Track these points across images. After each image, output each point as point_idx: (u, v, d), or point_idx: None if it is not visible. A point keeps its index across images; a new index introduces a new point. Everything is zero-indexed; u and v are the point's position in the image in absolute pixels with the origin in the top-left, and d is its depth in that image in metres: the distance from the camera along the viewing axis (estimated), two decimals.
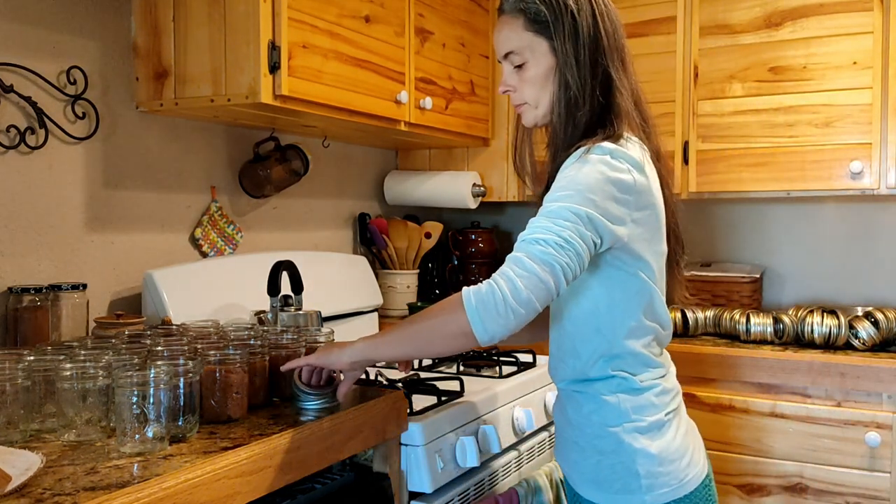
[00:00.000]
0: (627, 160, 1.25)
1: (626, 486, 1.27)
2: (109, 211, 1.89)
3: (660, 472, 1.27)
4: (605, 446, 1.29)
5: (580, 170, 1.23)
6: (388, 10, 2.19)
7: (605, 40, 1.31)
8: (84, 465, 1.10)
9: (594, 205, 1.20)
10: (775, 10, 2.34)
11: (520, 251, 1.21)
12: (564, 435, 1.39)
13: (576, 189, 1.21)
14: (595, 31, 1.30)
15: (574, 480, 1.36)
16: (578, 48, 1.29)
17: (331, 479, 1.46)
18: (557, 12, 1.30)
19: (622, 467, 1.27)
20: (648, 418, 1.29)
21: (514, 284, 1.17)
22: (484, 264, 2.92)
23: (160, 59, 1.88)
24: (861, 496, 2.01)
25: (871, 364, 2.00)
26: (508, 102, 2.75)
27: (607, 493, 1.29)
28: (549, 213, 1.22)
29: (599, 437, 1.30)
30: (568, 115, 1.31)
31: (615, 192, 1.22)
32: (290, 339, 1.56)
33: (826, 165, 2.28)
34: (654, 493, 1.26)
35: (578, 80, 1.29)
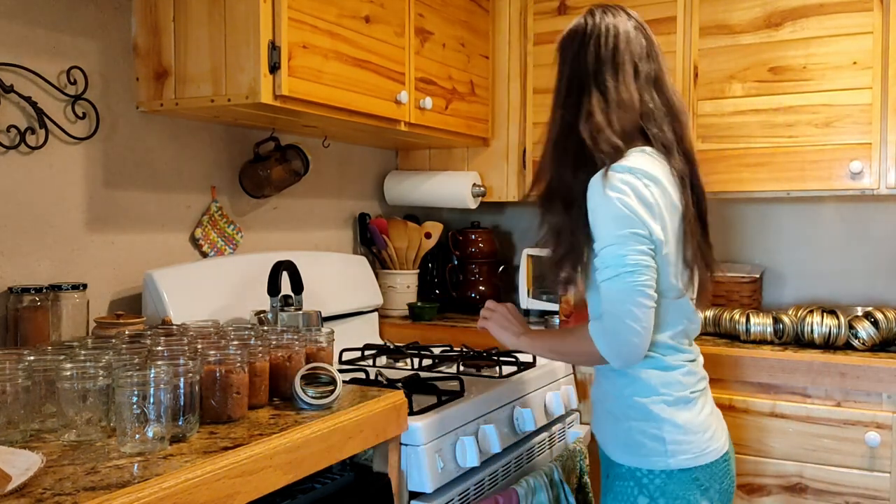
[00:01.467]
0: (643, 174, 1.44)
1: (653, 450, 1.45)
2: (109, 211, 1.89)
3: (683, 441, 1.45)
4: (636, 415, 1.48)
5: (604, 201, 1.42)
6: (388, 10, 2.19)
7: (584, 68, 1.51)
8: (84, 464, 1.10)
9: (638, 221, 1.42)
10: (775, 11, 2.34)
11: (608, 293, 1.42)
12: (602, 407, 1.58)
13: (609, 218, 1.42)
14: (575, 63, 1.52)
15: (608, 447, 1.55)
16: (562, 70, 1.55)
17: (331, 479, 1.46)
18: (560, 42, 1.57)
19: (650, 434, 1.46)
20: (675, 393, 1.47)
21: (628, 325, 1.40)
22: (484, 264, 2.92)
23: (160, 59, 1.89)
24: (861, 496, 2.01)
25: (871, 364, 2.00)
26: (509, 103, 2.75)
27: (636, 455, 1.47)
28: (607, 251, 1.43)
29: (631, 407, 1.48)
30: (547, 130, 1.57)
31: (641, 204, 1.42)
32: (290, 339, 1.56)
33: (826, 165, 2.28)
34: (678, 457, 1.45)
35: (556, 102, 1.55)
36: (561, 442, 2.17)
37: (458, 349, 2.40)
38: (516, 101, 2.74)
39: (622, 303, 1.37)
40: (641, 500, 1.46)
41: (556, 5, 2.64)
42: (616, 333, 1.39)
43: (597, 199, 1.42)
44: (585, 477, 2.08)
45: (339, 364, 2.15)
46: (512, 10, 2.74)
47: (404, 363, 2.22)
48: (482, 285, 2.90)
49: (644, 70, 1.51)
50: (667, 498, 1.44)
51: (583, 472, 2.07)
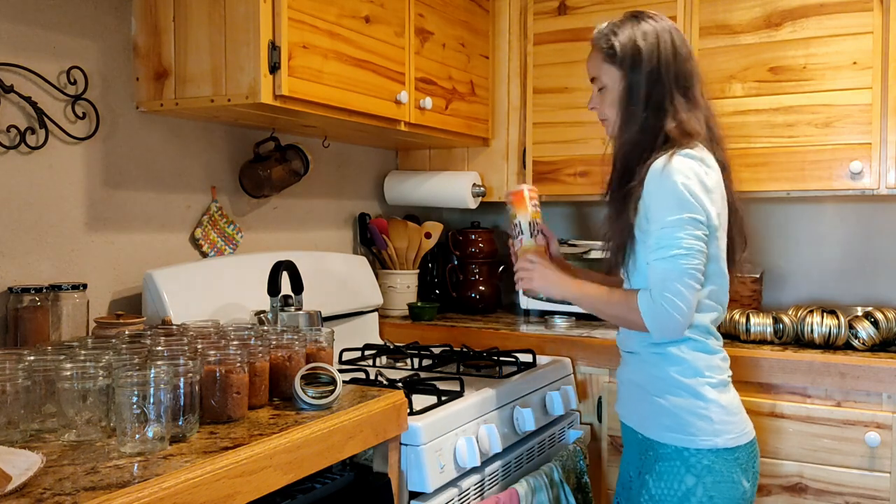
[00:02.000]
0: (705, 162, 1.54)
1: (701, 430, 1.50)
2: (109, 211, 1.89)
3: (727, 421, 1.52)
4: (683, 395, 1.53)
5: (666, 182, 1.49)
6: (388, 10, 2.19)
7: (663, 72, 1.57)
8: (84, 464, 1.10)
9: (697, 206, 1.49)
10: (775, 11, 2.34)
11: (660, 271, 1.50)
12: (639, 389, 1.62)
13: (673, 201, 1.49)
14: (658, 61, 1.57)
15: (649, 429, 1.58)
16: (640, 79, 1.58)
17: (331, 479, 1.46)
18: (627, 47, 1.59)
19: (699, 413, 1.51)
20: (717, 376, 1.55)
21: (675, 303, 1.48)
22: (484, 264, 2.92)
23: (160, 59, 1.89)
24: (861, 496, 2.01)
25: (871, 364, 2.00)
26: (509, 103, 2.75)
27: (684, 434, 1.51)
28: (665, 231, 1.49)
29: (679, 387, 1.53)
30: (625, 135, 1.60)
31: (701, 191, 1.50)
32: (290, 339, 1.56)
33: (826, 165, 2.28)
34: (724, 437, 1.51)
35: (634, 107, 1.58)
36: (561, 442, 2.17)
37: (458, 349, 2.40)
38: (516, 101, 2.74)
39: (672, 282, 1.46)
40: (689, 479, 1.50)
41: (556, 5, 2.64)
42: (662, 309, 1.47)
43: (657, 181, 1.49)
44: (585, 477, 2.08)
45: (339, 364, 2.15)
46: (512, 10, 2.74)
47: (404, 363, 2.22)
48: (482, 285, 2.90)
49: (700, 74, 1.64)
50: (714, 476, 1.49)
51: (583, 472, 2.07)
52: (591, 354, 2.31)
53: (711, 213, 1.50)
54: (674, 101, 1.57)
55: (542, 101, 2.68)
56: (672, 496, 1.51)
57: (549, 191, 2.68)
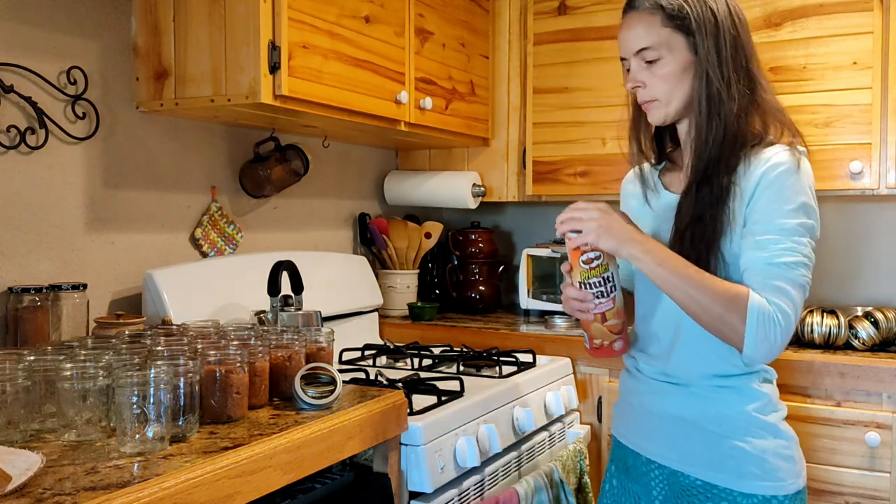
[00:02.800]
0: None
1: (789, 472, 1.30)
2: (109, 211, 1.89)
3: (801, 456, 1.35)
4: (766, 436, 1.30)
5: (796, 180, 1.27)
6: (388, 10, 2.19)
7: (742, 37, 1.34)
8: (84, 464, 1.10)
9: (815, 215, 1.28)
10: (775, 10, 2.34)
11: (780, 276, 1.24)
12: (699, 431, 1.34)
13: (799, 203, 1.26)
14: (734, 28, 1.33)
15: (726, 479, 1.31)
16: (720, 44, 1.31)
17: (331, 479, 1.46)
18: (699, 9, 1.31)
19: (785, 455, 1.31)
20: (783, 406, 1.37)
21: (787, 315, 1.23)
22: (484, 264, 2.92)
23: (160, 59, 1.89)
24: (861, 496, 2.01)
25: (871, 364, 2.00)
26: (509, 103, 2.75)
27: (773, 481, 1.29)
28: (787, 232, 1.25)
29: (759, 427, 1.31)
30: (711, 111, 1.32)
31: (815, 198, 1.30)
32: (290, 339, 1.56)
33: (826, 165, 2.28)
34: (803, 474, 1.33)
35: (721, 77, 1.30)
36: (561, 442, 2.17)
37: (458, 349, 2.40)
38: (516, 101, 2.74)
39: (792, 290, 1.22)
40: None
41: (556, 5, 2.64)
42: (773, 319, 1.20)
43: (781, 177, 1.26)
44: (585, 477, 2.08)
45: (339, 364, 2.15)
46: (512, 10, 2.74)
47: (404, 363, 2.22)
48: (482, 285, 2.90)
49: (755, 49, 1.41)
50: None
51: (583, 472, 2.07)
52: None
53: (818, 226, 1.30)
54: (762, 81, 1.34)
55: (542, 101, 2.68)
56: None
57: (549, 191, 2.68)
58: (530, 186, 2.71)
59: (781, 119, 1.34)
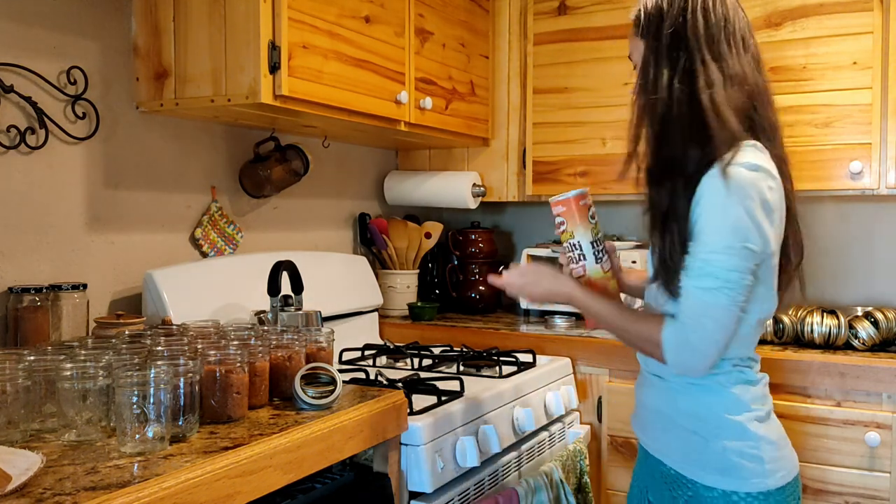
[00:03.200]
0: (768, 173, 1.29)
1: (753, 472, 1.33)
2: (109, 211, 1.89)
3: (778, 458, 1.35)
4: (730, 435, 1.34)
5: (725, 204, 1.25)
6: (388, 10, 2.19)
7: (688, 33, 1.31)
8: (84, 464, 1.10)
9: (749, 233, 1.26)
10: (775, 10, 2.34)
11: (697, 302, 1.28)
12: (676, 425, 1.40)
13: (725, 225, 1.26)
14: (682, 24, 1.32)
15: (691, 470, 1.37)
16: (660, 43, 1.33)
17: (331, 479, 1.46)
18: (647, 12, 1.36)
19: (749, 454, 1.33)
20: (763, 408, 1.37)
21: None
22: (484, 264, 2.92)
23: (160, 60, 1.89)
24: (861, 496, 2.01)
25: (871, 364, 2.00)
26: (509, 103, 2.75)
27: (735, 478, 1.33)
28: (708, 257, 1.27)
29: (724, 426, 1.34)
30: (646, 109, 1.35)
31: (763, 212, 1.27)
32: (290, 339, 1.56)
33: (826, 165, 2.28)
34: (776, 476, 1.34)
35: (655, 73, 1.33)
36: (561, 442, 2.17)
37: (458, 349, 2.40)
38: (516, 101, 2.74)
39: (710, 319, 1.25)
40: None
41: (556, 5, 2.64)
42: (690, 347, 1.27)
43: (717, 199, 1.25)
44: (585, 477, 2.08)
45: (339, 364, 2.15)
46: (512, 10, 2.74)
47: (404, 363, 2.22)
48: (482, 285, 2.90)
49: (751, 45, 1.36)
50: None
51: (583, 472, 2.07)
52: (591, 354, 2.31)
53: (770, 239, 1.28)
54: (710, 69, 1.30)
55: (542, 101, 2.68)
56: None
57: (549, 191, 2.68)
58: (530, 186, 2.71)
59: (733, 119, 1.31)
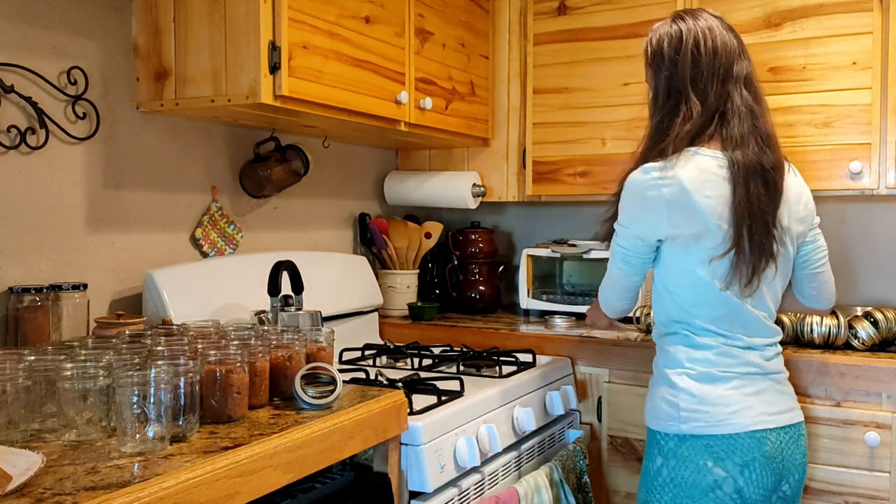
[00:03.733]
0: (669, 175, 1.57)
1: (668, 415, 1.59)
2: (110, 211, 1.90)
3: (697, 409, 1.57)
4: (661, 384, 1.63)
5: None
6: (388, 10, 2.19)
7: (680, 71, 1.59)
8: (84, 464, 1.10)
9: (625, 219, 1.63)
10: (775, 11, 2.34)
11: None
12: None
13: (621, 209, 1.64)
14: (675, 61, 1.60)
15: (647, 419, 1.68)
16: (658, 81, 1.64)
17: (331, 479, 1.46)
18: (654, 52, 1.65)
19: (668, 401, 1.60)
20: (700, 368, 1.59)
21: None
22: (484, 264, 2.92)
23: (161, 60, 1.89)
24: (861, 496, 2.01)
25: (871, 364, 2.00)
26: (509, 103, 2.75)
27: (656, 419, 1.62)
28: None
29: (661, 376, 1.64)
30: (652, 129, 1.66)
31: (642, 204, 1.58)
32: (290, 339, 1.57)
33: (825, 165, 2.28)
34: (689, 423, 1.57)
35: (653, 108, 1.66)
36: (561, 442, 2.17)
37: (458, 349, 2.40)
38: (516, 101, 2.74)
39: (607, 282, 1.75)
40: (657, 460, 1.62)
41: (556, 5, 2.64)
42: (602, 300, 1.79)
43: (625, 189, 1.62)
44: (585, 477, 2.08)
45: (339, 364, 2.15)
46: (512, 10, 2.74)
47: (404, 363, 2.22)
48: (482, 285, 2.90)
49: (736, 71, 1.59)
50: (677, 459, 1.58)
51: (583, 472, 2.07)
52: (591, 354, 2.31)
53: (664, 226, 1.56)
54: (691, 104, 1.58)
55: (542, 102, 2.68)
56: (646, 472, 1.65)
57: (549, 191, 2.68)
58: (530, 186, 2.71)
59: (679, 140, 1.59)
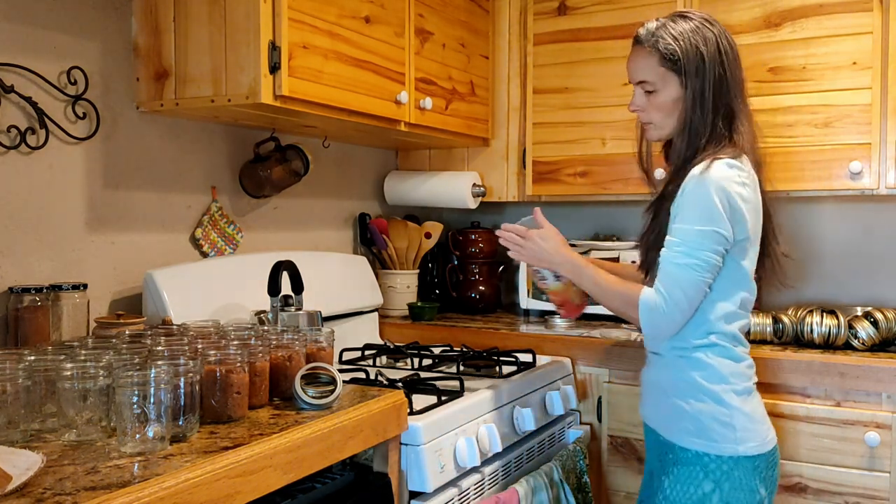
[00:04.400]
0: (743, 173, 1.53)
1: (724, 437, 1.51)
2: (110, 211, 1.90)
3: (749, 429, 1.53)
4: (707, 401, 1.53)
5: (699, 190, 1.50)
6: (388, 10, 2.19)
7: (729, 75, 1.56)
8: (84, 464, 1.10)
9: (724, 221, 1.49)
10: (775, 11, 2.34)
11: (671, 274, 1.52)
12: (663, 392, 1.62)
13: (700, 210, 1.49)
14: (721, 67, 1.56)
15: (671, 432, 1.58)
16: (705, 85, 1.55)
17: (331, 479, 1.46)
18: (689, 54, 1.55)
19: (721, 420, 1.52)
20: (742, 384, 1.55)
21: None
22: (484, 264, 2.92)
23: (160, 60, 1.89)
24: (861, 496, 2.01)
25: (871, 364, 2.00)
26: (509, 103, 2.76)
27: (706, 440, 1.52)
28: (685, 236, 1.50)
29: (703, 392, 1.54)
30: (690, 140, 1.57)
31: (739, 203, 1.50)
32: (290, 339, 1.56)
33: (825, 165, 2.28)
34: (746, 444, 1.52)
35: (701, 115, 1.55)
36: (561, 442, 2.17)
37: (458, 349, 2.40)
38: (516, 101, 2.74)
39: (681, 289, 1.49)
40: (706, 485, 1.51)
41: (556, 6, 2.65)
42: (662, 311, 1.51)
43: (693, 187, 1.49)
44: (585, 477, 2.08)
45: (339, 364, 2.15)
46: (512, 10, 2.74)
47: (404, 363, 2.22)
48: (482, 285, 2.90)
49: (742, 78, 1.62)
50: (731, 483, 1.50)
51: (583, 472, 2.07)
52: (591, 354, 2.31)
53: (746, 226, 1.51)
54: (744, 108, 1.58)
55: (542, 101, 2.68)
56: (688, 500, 1.53)
57: (549, 191, 2.68)
58: (530, 186, 2.71)
59: (751, 146, 1.58)
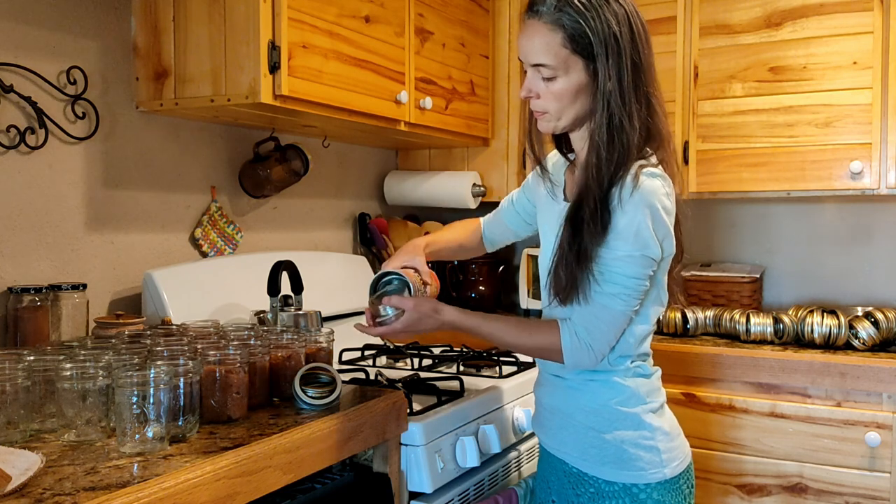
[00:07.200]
0: (669, 187, 1.35)
1: (651, 462, 1.37)
2: (109, 211, 1.89)
3: (671, 448, 1.40)
4: (626, 427, 1.38)
5: (635, 214, 1.29)
6: (388, 10, 2.19)
7: (644, 61, 1.33)
8: (84, 465, 1.10)
9: (654, 243, 1.31)
10: (775, 10, 2.34)
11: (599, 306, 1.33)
12: (572, 421, 1.44)
13: (635, 234, 1.29)
14: (637, 52, 1.32)
15: (589, 465, 1.41)
16: (622, 72, 1.30)
17: (331, 479, 1.46)
18: (600, 34, 1.29)
19: (645, 445, 1.38)
20: (657, 399, 1.43)
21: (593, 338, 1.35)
22: (484, 264, 2.92)
23: (160, 59, 1.88)
24: (861, 496, 2.01)
25: (871, 364, 2.00)
26: (509, 103, 2.75)
27: (633, 471, 1.37)
28: (610, 266, 1.31)
29: (620, 418, 1.38)
30: (610, 137, 1.31)
31: (665, 218, 1.32)
32: (290, 339, 1.56)
33: (826, 165, 2.28)
34: (672, 465, 1.39)
35: (622, 105, 1.30)
36: None
37: (458, 349, 2.40)
38: (516, 101, 2.74)
39: (603, 323, 1.32)
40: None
41: None
42: (587, 348, 1.34)
43: (620, 207, 1.29)
44: None
45: (339, 364, 2.15)
46: (512, 10, 2.74)
47: (404, 363, 2.22)
48: (482, 285, 2.90)
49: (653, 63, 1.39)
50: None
51: None
52: None
53: (672, 241, 1.34)
54: (660, 97, 1.36)
55: None
56: None
57: None
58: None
59: (667, 143, 1.38)
